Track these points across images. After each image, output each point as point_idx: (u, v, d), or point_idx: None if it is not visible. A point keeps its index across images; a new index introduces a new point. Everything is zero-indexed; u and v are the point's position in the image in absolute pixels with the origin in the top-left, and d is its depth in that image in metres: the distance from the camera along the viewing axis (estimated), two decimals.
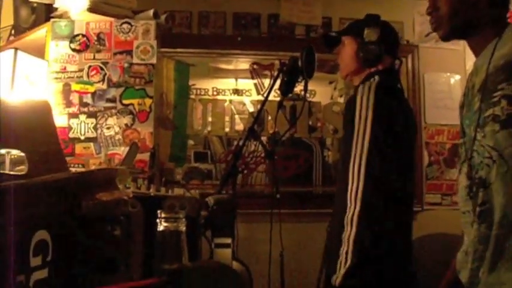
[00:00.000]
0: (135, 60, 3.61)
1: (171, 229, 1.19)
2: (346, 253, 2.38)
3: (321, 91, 6.32)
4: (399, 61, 2.97)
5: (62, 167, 1.39)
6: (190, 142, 5.87)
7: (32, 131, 1.34)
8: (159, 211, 1.21)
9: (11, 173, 1.37)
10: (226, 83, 6.45)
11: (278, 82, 3.29)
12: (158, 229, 1.20)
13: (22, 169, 1.32)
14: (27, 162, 1.29)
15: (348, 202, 2.42)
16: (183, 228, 1.21)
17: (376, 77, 2.69)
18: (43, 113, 1.42)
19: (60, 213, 1.20)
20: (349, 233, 2.38)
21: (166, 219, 1.21)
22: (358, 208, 2.38)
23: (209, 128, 5.43)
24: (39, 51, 3.66)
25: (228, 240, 2.29)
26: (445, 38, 1.93)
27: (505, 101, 1.64)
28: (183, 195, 1.98)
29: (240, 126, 5.72)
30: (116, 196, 1.34)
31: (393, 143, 2.53)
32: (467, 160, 1.79)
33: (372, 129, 2.45)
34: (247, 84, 6.12)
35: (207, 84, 6.26)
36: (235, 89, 6.48)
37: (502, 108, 1.65)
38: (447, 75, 5.28)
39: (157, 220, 1.20)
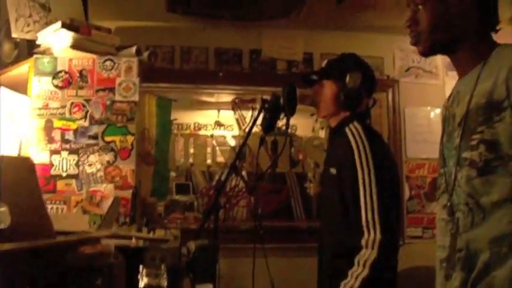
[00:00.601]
0: (117, 97, 3.62)
1: (153, 285, 1.21)
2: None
3: (302, 123, 6.34)
4: (373, 100, 3.03)
5: (44, 221, 1.40)
6: (172, 174, 5.86)
7: (15, 185, 1.35)
8: (141, 266, 1.22)
9: None
10: (208, 116, 6.46)
11: (260, 118, 3.31)
12: (140, 286, 1.21)
13: (4, 222, 1.33)
14: (10, 215, 1.30)
15: (364, 247, 2.49)
16: (164, 283, 1.22)
17: (356, 124, 2.76)
18: (26, 168, 1.43)
19: (45, 267, 1.21)
20: (360, 272, 2.48)
21: (148, 274, 1.22)
22: (374, 255, 2.49)
23: (191, 160, 5.44)
24: (21, 87, 3.65)
25: (210, 286, 2.29)
26: (425, 54, 1.90)
27: (484, 146, 1.62)
28: (164, 248, 1.98)
29: (221, 158, 5.74)
30: (99, 249, 1.35)
31: (392, 188, 2.64)
32: (448, 196, 1.77)
33: (377, 178, 2.54)
34: (228, 117, 6.14)
35: (189, 119, 6.28)
36: (217, 121, 6.50)
37: (480, 154, 1.63)
38: (427, 109, 5.33)
39: (139, 276, 1.21)
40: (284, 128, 3.26)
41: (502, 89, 1.61)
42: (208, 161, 5.83)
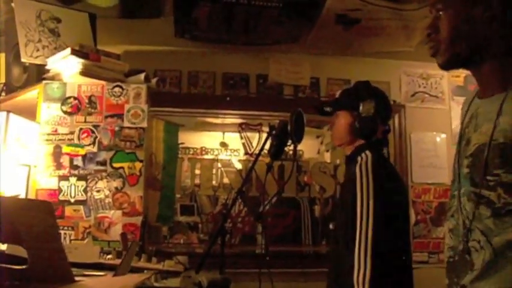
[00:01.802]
0: (125, 123, 3.63)
1: None
2: None
3: (308, 145, 6.38)
4: (388, 127, 3.03)
5: (63, 265, 1.41)
6: (177, 195, 5.88)
7: (34, 228, 1.36)
8: None
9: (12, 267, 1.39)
10: (214, 138, 6.49)
11: (267, 144, 3.32)
12: None
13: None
14: (29, 258, 1.31)
15: (355, 284, 2.47)
16: None
17: (368, 152, 2.75)
18: (45, 212, 1.44)
19: None
20: None
21: None
22: None
23: (197, 181, 5.46)
24: (30, 112, 3.67)
25: None
26: (444, 66, 1.73)
27: (502, 189, 1.53)
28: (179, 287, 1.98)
29: (227, 180, 5.76)
30: None
31: (394, 222, 2.62)
32: (452, 218, 1.72)
33: (374, 212, 2.51)
34: (235, 140, 6.16)
35: (195, 142, 6.30)
36: (223, 142, 6.52)
37: (498, 196, 1.54)
38: (433, 134, 5.34)
39: None
40: (291, 153, 3.28)
41: None
42: (214, 183, 5.85)
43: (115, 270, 2.03)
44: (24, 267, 1.34)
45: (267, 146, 3.29)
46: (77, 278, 1.63)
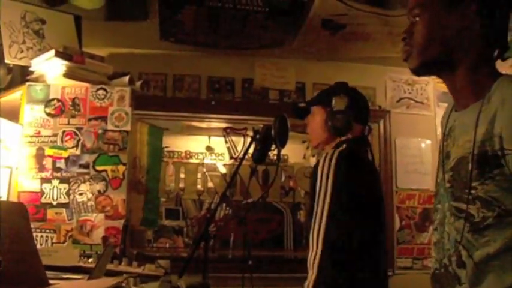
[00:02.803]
0: (109, 126, 3.62)
1: None
2: None
3: (293, 150, 6.36)
4: (369, 128, 3.00)
5: (37, 268, 1.40)
6: (162, 199, 5.87)
7: (8, 231, 1.34)
8: None
9: None
10: (199, 142, 6.47)
11: (251, 148, 3.31)
12: None
13: None
14: (2, 261, 1.29)
15: (308, 269, 2.48)
16: None
17: (344, 145, 2.72)
18: (19, 214, 1.42)
19: None
20: None
21: None
22: (314, 275, 2.44)
23: (181, 185, 5.45)
24: (13, 114, 3.65)
25: None
26: (415, 71, 1.71)
27: (479, 202, 1.52)
28: None
29: (211, 184, 5.75)
30: None
31: (355, 211, 2.57)
32: (441, 238, 1.69)
33: (331, 198, 2.49)
34: (220, 144, 6.15)
35: (180, 146, 6.28)
36: (208, 147, 6.51)
37: (477, 209, 1.53)
38: (418, 140, 5.35)
39: None
40: (275, 158, 3.28)
41: (494, 142, 1.49)
42: (199, 187, 5.84)
43: (90, 274, 2.02)
44: None
45: (251, 150, 3.28)
46: (53, 282, 1.61)
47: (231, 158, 5.80)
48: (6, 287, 1.26)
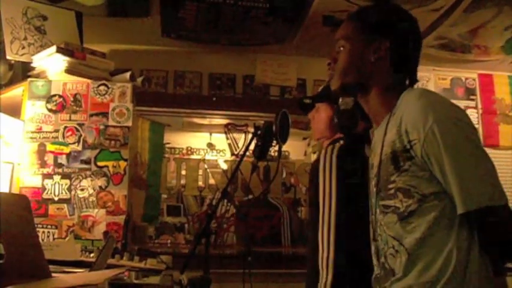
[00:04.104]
0: (110, 122, 3.62)
1: None
2: None
3: (294, 147, 6.37)
4: (370, 125, 2.98)
5: (40, 259, 1.40)
6: (163, 196, 5.87)
7: (10, 222, 1.35)
8: None
9: None
10: (200, 138, 6.48)
11: (252, 144, 3.31)
12: None
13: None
14: (5, 253, 1.30)
15: (320, 270, 2.45)
16: None
17: (341, 141, 2.72)
18: (22, 206, 1.43)
19: None
20: None
21: None
22: (330, 277, 2.42)
23: (183, 182, 5.45)
24: (15, 110, 3.65)
25: None
26: (336, 92, 1.97)
27: (401, 194, 1.70)
28: (157, 284, 1.97)
29: (213, 181, 5.74)
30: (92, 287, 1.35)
31: (359, 207, 2.56)
32: (375, 242, 1.86)
33: (337, 195, 2.49)
34: (221, 140, 6.15)
35: (181, 142, 6.28)
36: (209, 143, 6.51)
37: (400, 201, 1.70)
38: None
39: None
40: (276, 155, 3.27)
41: (402, 139, 1.70)
42: (200, 183, 5.83)
43: (91, 266, 2.03)
44: (0, 262, 1.33)
45: (252, 147, 3.28)
46: (55, 275, 1.62)
47: (232, 154, 5.80)
48: (8, 279, 1.26)
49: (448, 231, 1.65)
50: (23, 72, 3.90)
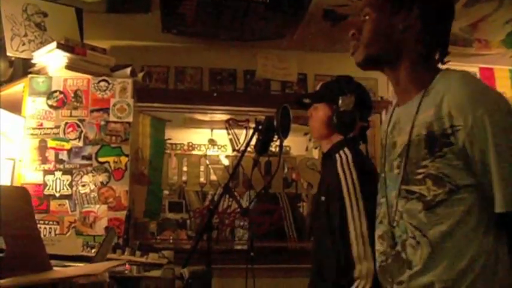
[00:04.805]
0: (111, 118, 3.63)
1: None
2: None
3: (296, 142, 6.36)
4: (367, 124, 2.97)
5: (40, 252, 1.40)
6: (165, 192, 5.86)
7: (11, 215, 1.35)
8: None
9: None
10: (202, 135, 6.47)
11: (254, 139, 3.31)
12: None
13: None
14: (6, 245, 1.30)
15: (359, 278, 2.47)
16: None
17: (346, 151, 2.71)
18: (22, 198, 1.43)
19: None
20: None
21: None
22: (369, 284, 2.44)
23: (184, 178, 5.45)
24: (16, 106, 3.66)
25: None
26: (360, 65, 1.84)
27: (430, 181, 1.60)
28: (158, 277, 1.97)
29: (214, 177, 5.74)
30: (93, 279, 1.35)
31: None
32: (390, 227, 1.74)
33: (365, 208, 2.49)
34: (222, 136, 6.14)
35: (183, 138, 6.27)
36: (211, 140, 6.51)
37: (428, 189, 1.61)
38: None
39: None
40: (278, 149, 3.26)
41: (443, 122, 1.60)
42: (202, 179, 5.83)
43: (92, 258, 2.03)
44: (0, 255, 1.34)
45: (254, 142, 3.27)
46: (56, 269, 1.62)
47: (234, 150, 5.78)
48: (9, 272, 1.26)
49: (475, 226, 1.57)
50: (23, 68, 3.90)
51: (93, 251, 2.90)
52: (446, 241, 1.58)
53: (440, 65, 1.81)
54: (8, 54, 3.86)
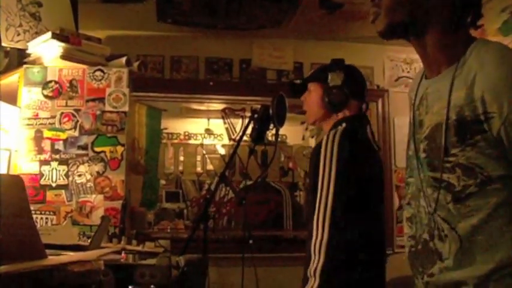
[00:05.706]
0: (107, 107, 3.61)
1: None
2: None
3: (292, 131, 6.37)
4: (366, 104, 2.94)
5: (35, 240, 1.40)
6: (162, 182, 5.87)
7: (4, 203, 1.35)
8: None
9: None
10: (198, 124, 6.48)
11: (249, 128, 3.31)
12: None
13: None
14: (0, 234, 1.30)
15: (312, 254, 2.43)
16: None
17: (344, 124, 2.69)
18: (16, 187, 1.43)
19: (32, 286, 1.21)
20: (312, 284, 2.39)
21: None
22: (322, 261, 2.39)
23: (181, 168, 5.45)
24: (11, 96, 3.65)
25: None
26: (382, 34, 1.62)
27: (460, 170, 1.48)
28: (153, 265, 1.98)
29: (211, 166, 5.75)
30: (88, 266, 1.35)
31: (359, 193, 2.54)
32: (417, 212, 1.64)
33: (336, 180, 2.45)
34: (218, 126, 6.15)
35: (179, 128, 6.28)
36: (207, 129, 6.51)
37: (458, 178, 1.48)
38: None
39: None
40: (274, 138, 3.27)
41: (475, 107, 1.45)
42: (198, 169, 5.84)
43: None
44: None
45: (249, 131, 3.28)
46: (50, 257, 1.62)
47: (230, 139, 5.80)
48: (4, 261, 1.26)
49: (508, 220, 1.44)
50: (18, 59, 3.89)
51: (89, 240, 2.90)
52: (477, 235, 1.47)
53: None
54: (3, 44, 3.84)
